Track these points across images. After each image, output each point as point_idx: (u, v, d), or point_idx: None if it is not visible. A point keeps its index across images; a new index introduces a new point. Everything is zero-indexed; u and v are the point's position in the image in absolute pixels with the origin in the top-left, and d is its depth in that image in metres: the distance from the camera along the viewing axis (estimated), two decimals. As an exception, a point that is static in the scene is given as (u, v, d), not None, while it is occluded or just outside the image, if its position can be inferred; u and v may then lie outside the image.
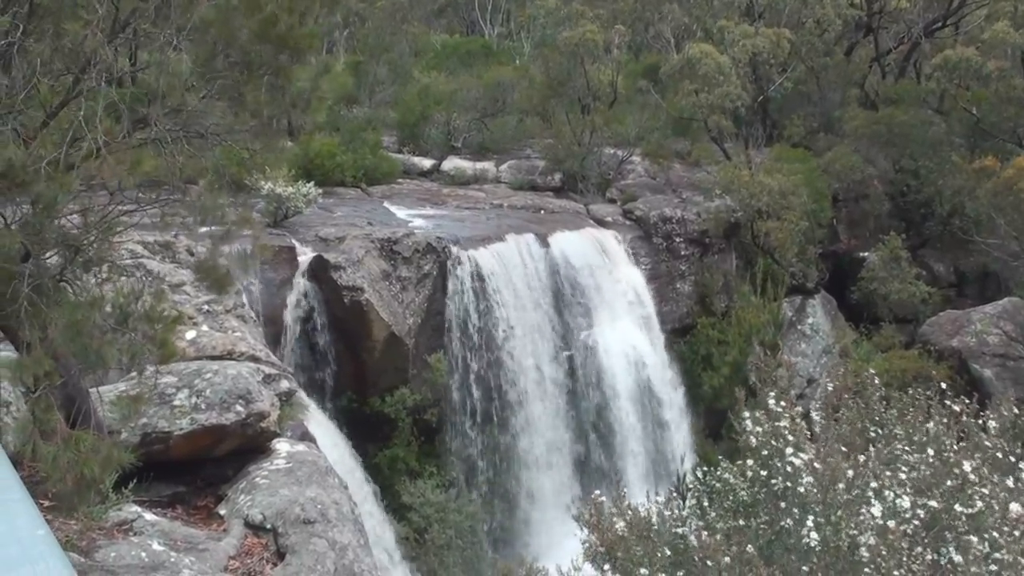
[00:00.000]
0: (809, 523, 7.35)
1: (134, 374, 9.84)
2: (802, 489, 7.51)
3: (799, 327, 26.63)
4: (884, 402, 8.66)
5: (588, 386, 22.86)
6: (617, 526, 8.40)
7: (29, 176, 6.68)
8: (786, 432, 8.03)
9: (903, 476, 7.79)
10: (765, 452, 7.83)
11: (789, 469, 7.62)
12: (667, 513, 8.60)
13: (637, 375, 23.30)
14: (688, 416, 24.05)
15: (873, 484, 7.67)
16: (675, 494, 8.92)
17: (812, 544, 7.25)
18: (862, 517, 7.28)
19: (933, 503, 7.47)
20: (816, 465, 7.55)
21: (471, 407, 21.04)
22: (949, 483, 7.75)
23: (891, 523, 7.23)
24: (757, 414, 8.08)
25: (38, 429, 6.97)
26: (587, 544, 8.40)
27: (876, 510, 7.32)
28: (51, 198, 6.89)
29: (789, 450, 7.84)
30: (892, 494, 7.54)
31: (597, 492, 8.98)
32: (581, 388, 22.83)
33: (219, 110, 7.91)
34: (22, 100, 7.11)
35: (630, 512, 8.62)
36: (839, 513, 7.34)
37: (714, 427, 23.58)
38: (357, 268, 19.10)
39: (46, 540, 3.35)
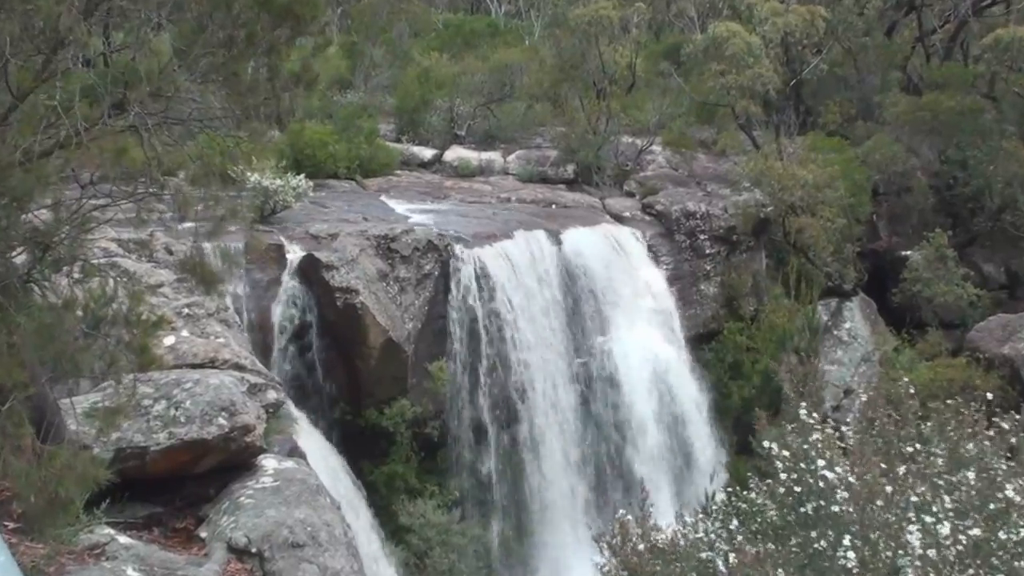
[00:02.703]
0: (846, 542, 7.33)
1: (107, 384, 9.86)
2: (837, 508, 7.48)
3: (835, 333, 26.54)
4: (921, 416, 8.62)
5: (604, 396, 22.81)
6: (640, 547, 8.39)
7: (1, 166, 6.68)
8: (820, 446, 8.01)
9: (946, 500, 7.75)
10: (795, 475, 7.81)
11: (822, 485, 7.59)
12: (693, 536, 8.58)
13: (658, 384, 23.25)
14: (715, 429, 23.99)
15: (913, 498, 7.65)
16: (702, 515, 8.89)
17: (849, 565, 7.23)
18: (904, 539, 7.26)
19: (976, 531, 7.42)
20: (851, 479, 7.52)
21: (476, 419, 21.02)
22: (992, 506, 7.72)
23: (931, 552, 7.19)
24: (787, 431, 8.06)
25: (8, 445, 6.97)
26: (607, 569, 8.39)
27: (915, 538, 7.28)
28: (26, 190, 6.89)
29: (821, 462, 7.82)
30: (932, 518, 7.50)
31: (622, 512, 8.96)
32: (596, 398, 22.79)
33: (205, 93, 7.91)
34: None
35: (655, 533, 8.60)
36: (877, 533, 7.32)
37: (744, 441, 23.43)
38: (351, 268, 19.10)
39: (6, 567, 3.33)
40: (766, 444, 8.18)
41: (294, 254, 19.23)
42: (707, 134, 31.50)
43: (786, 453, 7.89)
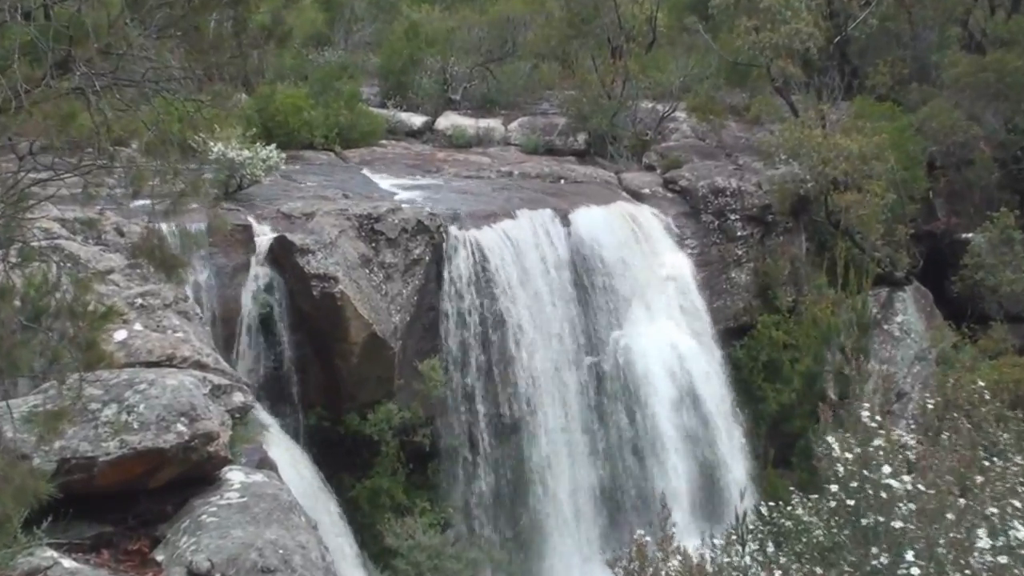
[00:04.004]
0: (909, 556, 7.33)
1: (49, 384, 9.84)
2: (898, 524, 7.48)
3: (885, 327, 26.52)
4: (999, 423, 8.62)
5: (619, 399, 22.82)
6: (661, 573, 8.39)
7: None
8: (882, 453, 8.00)
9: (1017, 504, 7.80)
10: (854, 484, 7.80)
11: (884, 496, 7.58)
12: (724, 560, 8.59)
13: (681, 386, 23.25)
14: (747, 439, 23.96)
15: (991, 509, 7.66)
16: (733, 537, 8.89)
17: None
18: (974, 555, 7.29)
19: None
20: (920, 487, 7.52)
21: (473, 426, 21.02)
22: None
23: (1003, 559, 7.23)
24: (846, 435, 8.05)
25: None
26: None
27: (985, 543, 7.31)
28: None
29: (886, 468, 7.80)
30: (1005, 524, 7.54)
31: (640, 532, 8.95)
32: (610, 402, 22.79)
33: (162, 50, 7.87)
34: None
35: (679, 557, 8.60)
36: (942, 550, 7.33)
37: (782, 453, 23.52)
38: (329, 252, 19.09)
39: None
40: (830, 441, 8.15)
41: (264, 236, 19.21)
42: (738, 99, 31.42)
43: (847, 455, 7.88)
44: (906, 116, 28.97)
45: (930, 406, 8.95)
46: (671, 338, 23.51)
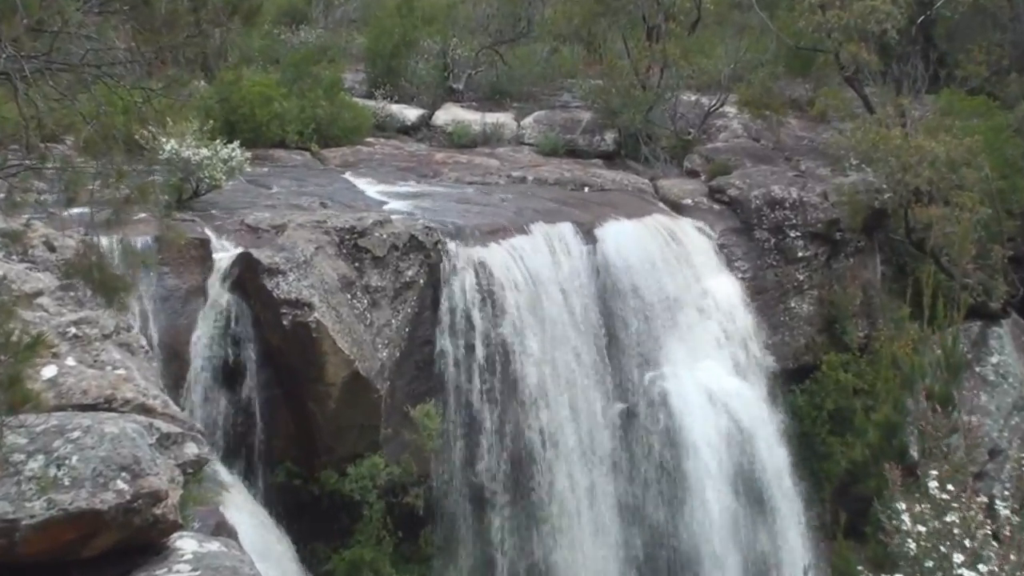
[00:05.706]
0: None
1: (-36, 431, 9.83)
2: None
3: (977, 369, 26.42)
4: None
5: (653, 453, 22.79)
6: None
7: None
8: (956, 531, 7.97)
9: None
10: (929, 563, 7.76)
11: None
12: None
13: (728, 438, 23.21)
14: (810, 504, 23.87)
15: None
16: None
17: None
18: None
19: None
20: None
21: (475, 486, 20.99)
22: None
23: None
24: (920, 506, 8.01)
25: None
26: None
27: None
28: None
29: (958, 558, 7.77)
30: None
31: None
32: (644, 456, 22.75)
33: (104, 28, 7.90)
34: None
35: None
36: None
37: (852, 521, 23.37)
38: (304, 273, 19.09)
39: None
40: (900, 511, 8.12)
41: (224, 253, 19.21)
42: (800, 91, 31.48)
43: (922, 529, 7.85)
44: (1004, 113, 28.95)
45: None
46: (717, 380, 23.47)
